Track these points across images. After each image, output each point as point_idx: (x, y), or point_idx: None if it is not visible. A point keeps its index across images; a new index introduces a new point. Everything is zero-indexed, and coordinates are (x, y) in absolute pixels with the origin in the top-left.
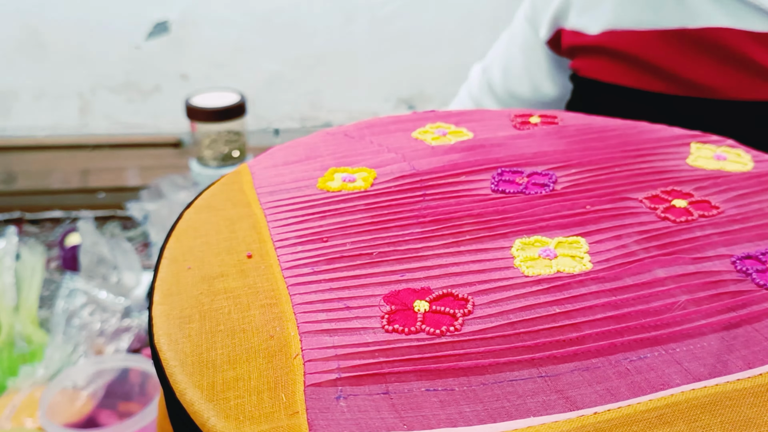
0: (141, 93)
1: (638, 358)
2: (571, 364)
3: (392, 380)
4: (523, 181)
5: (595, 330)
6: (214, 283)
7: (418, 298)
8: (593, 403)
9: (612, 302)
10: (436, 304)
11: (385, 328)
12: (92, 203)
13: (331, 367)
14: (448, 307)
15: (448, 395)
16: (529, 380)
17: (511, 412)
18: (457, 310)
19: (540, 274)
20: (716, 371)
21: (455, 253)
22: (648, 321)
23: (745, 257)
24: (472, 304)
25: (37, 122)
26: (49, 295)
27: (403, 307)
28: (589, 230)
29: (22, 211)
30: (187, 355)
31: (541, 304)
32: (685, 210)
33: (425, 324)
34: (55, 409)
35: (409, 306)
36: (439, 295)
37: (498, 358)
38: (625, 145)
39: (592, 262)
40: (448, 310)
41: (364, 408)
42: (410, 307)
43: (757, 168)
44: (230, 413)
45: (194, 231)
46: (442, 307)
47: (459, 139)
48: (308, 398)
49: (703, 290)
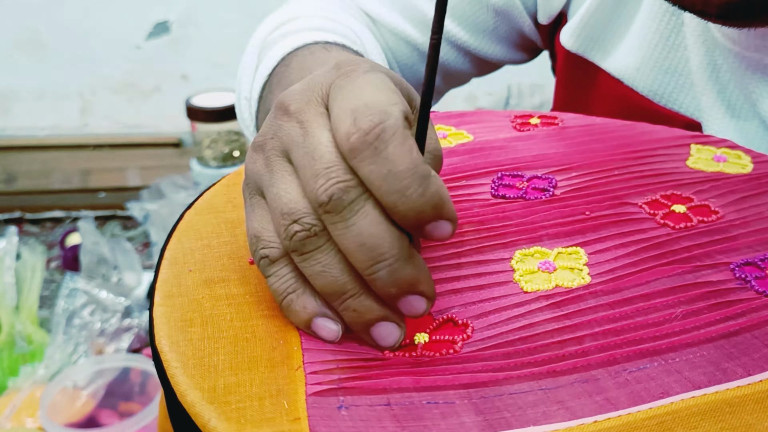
0: (141, 93)
1: (638, 368)
2: (571, 376)
3: (393, 392)
4: (524, 186)
5: (595, 343)
6: (216, 288)
7: (418, 330)
8: (593, 412)
9: (611, 315)
10: (436, 334)
11: (385, 354)
12: (93, 203)
13: (333, 378)
14: (447, 335)
15: (449, 407)
16: (530, 393)
17: (511, 422)
18: (456, 336)
19: (539, 289)
20: (716, 379)
21: (455, 266)
22: (647, 332)
23: (744, 264)
24: (472, 329)
25: (38, 122)
26: (50, 295)
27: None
28: (588, 239)
29: (23, 211)
30: (188, 358)
31: (541, 322)
32: (685, 216)
33: (425, 350)
34: (56, 408)
35: (410, 340)
36: (439, 323)
37: (497, 373)
38: (625, 147)
39: (590, 274)
40: (448, 338)
41: (365, 417)
42: (410, 341)
43: (756, 169)
44: (231, 416)
45: (195, 233)
46: (441, 336)
47: (459, 141)
48: (310, 406)
49: (702, 300)
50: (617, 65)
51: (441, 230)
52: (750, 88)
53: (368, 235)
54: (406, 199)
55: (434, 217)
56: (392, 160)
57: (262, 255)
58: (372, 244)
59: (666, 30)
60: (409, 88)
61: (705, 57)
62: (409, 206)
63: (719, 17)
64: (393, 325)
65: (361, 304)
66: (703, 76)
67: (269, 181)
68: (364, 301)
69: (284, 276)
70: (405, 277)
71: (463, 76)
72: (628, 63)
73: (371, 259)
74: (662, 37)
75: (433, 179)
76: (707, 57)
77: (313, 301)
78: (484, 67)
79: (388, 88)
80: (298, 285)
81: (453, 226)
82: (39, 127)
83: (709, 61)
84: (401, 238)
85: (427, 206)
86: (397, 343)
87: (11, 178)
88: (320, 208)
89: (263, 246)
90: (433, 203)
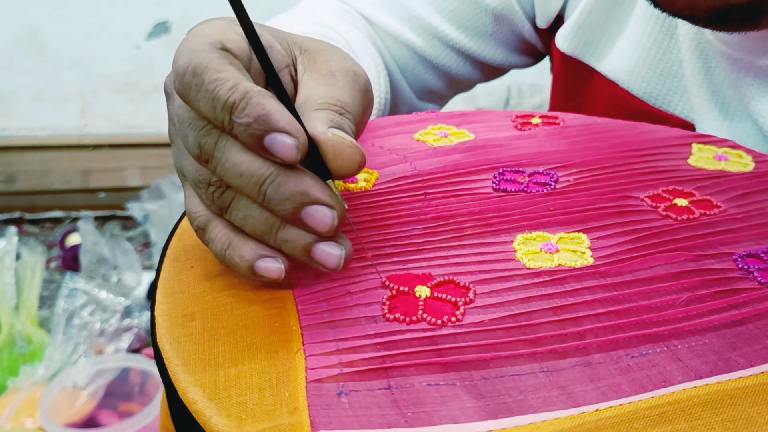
0: (141, 93)
1: (639, 354)
2: (573, 359)
3: (394, 375)
4: (525, 180)
5: (597, 325)
6: (217, 281)
7: (419, 282)
8: (594, 399)
9: (613, 297)
10: (437, 290)
11: (386, 316)
12: (92, 203)
13: (333, 362)
14: (449, 295)
15: (450, 390)
16: (531, 375)
17: (512, 408)
18: (458, 298)
19: (541, 266)
20: (718, 369)
21: (457, 246)
22: (649, 317)
23: (747, 255)
24: (474, 292)
25: (38, 122)
26: (49, 295)
27: (404, 292)
28: (590, 227)
29: (22, 211)
30: (189, 354)
31: (542, 297)
32: (687, 208)
33: (426, 313)
34: (56, 408)
35: (410, 291)
36: (441, 281)
37: (500, 352)
38: (627, 146)
39: (593, 257)
40: (450, 298)
41: (365, 404)
42: (411, 292)
43: (758, 168)
44: (232, 411)
45: None
46: (443, 294)
47: (460, 140)
48: (310, 395)
49: (705, 287)
50: (612, 67)
51: (279, 144)
52: (743, 90)
53: (240, 164)
54: (234, 119)
55: (265, 128)
56: (210, 90)
57: (196, 227)
58: (246, 169)
59: (660, 33)
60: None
61: (698, 59)
62: (238, 123)
63: (707, 22)
64: (329, 245)
65: (288, 233)
66: (697, 79)
67: (177, 160)
68: (291, 230)
69: (217, 237)
70: (291, 188)
71: (467, 81)
72: (622, 65)
73: (254, 184)
74: (656, 39)
75: (256, 93)
76: (700, 59)
77: (248, 249)
78: (487, 71)
79: (212, 28)
80: (229, 238)
81: (294, 139)
82: (39, 127)
83: (702, 64)
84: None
85: (252, 119)
86: (341, 261)
87: (11, 178)
88: (205, 164)
89: (193, 219)
90: (258, 115)
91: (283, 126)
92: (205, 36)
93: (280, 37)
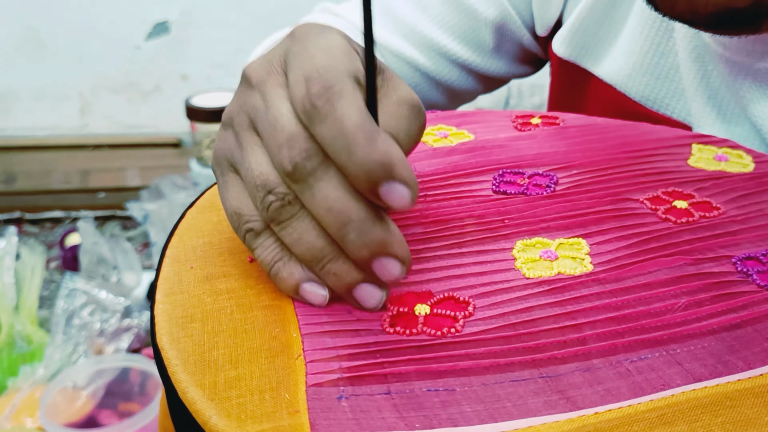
0: (141, 93)
1: (639, 358)
2: (572, 364)
3: (394, 380)
4: (525, 182)
5: (596, 331)
6: (217, 283)
7: (419, 301)
8: (594, 403)
9: (613, 303)
10: (437, 307)
11: (386, 330)
12: (92, 203)
13: (333, 368)
14: (449, 310)
15: (449, 395)
16: (531, 381)
17: (512, 412)
18: (458, 313)
19: (541, 276)
20: (717, 371)
21: (457, 254)
22: (649, 322)
23: (746, 258)
24: (473, 306)
25: (37, 122)
26: (49, 295)
27: (404, 311)
28: (590, 231)
29: (22, 211)
30: (189, 354)
31: (542, 306)
32: (686, 211)
33: (426, 326)
34: (55, 408)
35: (410, 309)
36: (441, 298)
37: (499, 359)
38: (627, 146)
39: (592, 263)
40: (449, 313)
41: (365, 408)
42: (411, 311)
43: (758, 169)
44: (232, 412)
45: (197, 231)
46: (443, 311)
47: (460, 140)
48: (310, 398)
49: (704, 291)
50: (609, 71)
51: (396, 194)
52: (740, 92)
53: (333, 200)
54: (354, 157)
55: (384, 176)
56: (340, 120)
57: (247, 229)
58: (338, 208)
59: (657, 36)
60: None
61: (695, 62)
62: (358, 164)
63: (708, 26)
64: (373, 287)
65: (339, 267)
66: (694, 81)
67: (241, 156)
68: (342, 265)
69: (269, 246)
70: (374, 238)
71: (469, 93)
72: (619, 69)
73: (339, 222)
74: (653, 43)
75: (383, 138)
76: (697, 62)
77: (299, 268)
78: (488, 83)
79: (340, 50)
80: (283, 254)
81: (410, 191)
82: (39, 127)
83: (700, 67)
84: (368, 201)
85: (375, 164)
86: (380, 303)
87: (11, 178)
88: (288, 178)
89: (246, 221)
90: (381, 161)
91: (405, 177)
92: (337, 60)
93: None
